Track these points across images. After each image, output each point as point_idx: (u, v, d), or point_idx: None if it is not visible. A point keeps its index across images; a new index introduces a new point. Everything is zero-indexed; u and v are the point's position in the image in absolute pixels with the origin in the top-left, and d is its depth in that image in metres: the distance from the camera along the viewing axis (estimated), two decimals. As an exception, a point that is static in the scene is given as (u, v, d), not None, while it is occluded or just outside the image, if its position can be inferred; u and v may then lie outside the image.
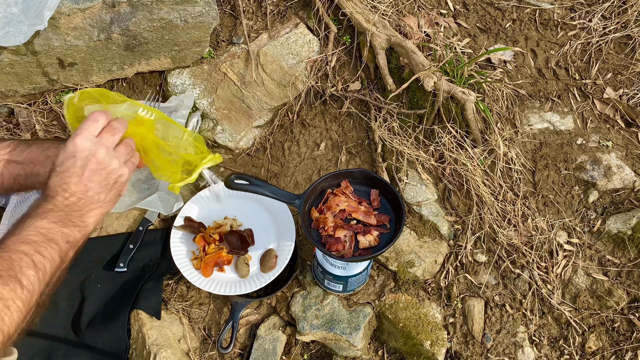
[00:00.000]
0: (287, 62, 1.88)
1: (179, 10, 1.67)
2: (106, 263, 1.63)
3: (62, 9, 1.56)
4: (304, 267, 1.66)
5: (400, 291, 1.59)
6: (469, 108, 1.66)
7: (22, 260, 0.88)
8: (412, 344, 1.52)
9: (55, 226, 0.95)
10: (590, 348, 1.50)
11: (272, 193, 1.34)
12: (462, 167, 1.68)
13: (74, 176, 0.98)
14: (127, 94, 1.89)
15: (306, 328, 1.55)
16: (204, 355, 1.59)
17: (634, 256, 1.56)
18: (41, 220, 0.94)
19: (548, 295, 1.55)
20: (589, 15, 1.90)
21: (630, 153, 1.70)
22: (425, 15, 1.91)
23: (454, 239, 1.66)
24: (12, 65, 1.66)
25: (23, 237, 0.91)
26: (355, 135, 1.86)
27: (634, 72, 1.80)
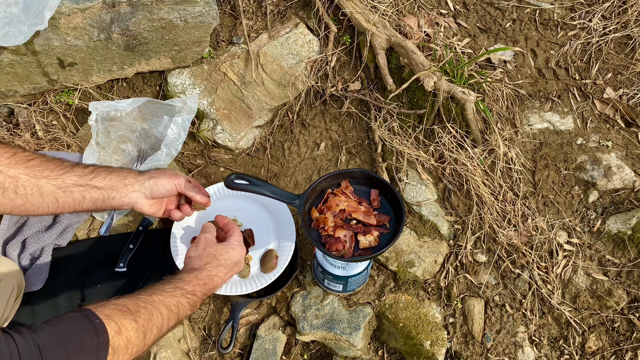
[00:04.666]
0: (287, 62, 1.88)
1: (179, 10, 1.67)
2: (106, 263, 1.63)
3: (62, 9, 1.56)
4: (304, 267, 1.66)
5: (400, 291, 1.59)
6: (469, 108, 1.66)
7: (157, 319, 1.03)
8: (412, 344, 1.52)
9: (187, 306, 1.13)
10: (590, 348, 1.50)
11: (272, 193, 1.34)
12: (462, 167, 1.68)
13: (225, 274, 1.27)
14: (127, 94, 1.89)
15: (306, 328, 1.55)
16: (204, 355, 1.59)
17: (634, 256, 1.56)
18: (184, 299, 1.13)
19: (548, 295, 1.55)
20: (589, 15, 1.90)
21: (630, 153, 1.70)
22: (425, 15, 1.91)
23: (454, 239, 1.66)
24: (12, 65, 1.66)
25: (167, 303, 1.08)
26: (355, 135, 1.86)
27: (634, 72, 1.80)
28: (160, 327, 1.03)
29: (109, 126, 1.76)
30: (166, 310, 1.06)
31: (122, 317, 0.95)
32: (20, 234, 1.62)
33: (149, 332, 0.99)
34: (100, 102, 1.74)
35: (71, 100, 1.83)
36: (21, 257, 1.60)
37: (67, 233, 1.66)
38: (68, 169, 1.21)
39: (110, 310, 0.95)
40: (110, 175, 1.25)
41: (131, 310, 0.98)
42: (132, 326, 0.95)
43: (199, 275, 1.20)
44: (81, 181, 1.21)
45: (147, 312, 1.00)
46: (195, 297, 1.15)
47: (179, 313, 1.10)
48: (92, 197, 1.22)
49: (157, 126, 1.81)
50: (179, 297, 1.11)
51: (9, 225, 1.64)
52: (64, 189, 1.18)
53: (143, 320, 0.98)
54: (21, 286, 1.50)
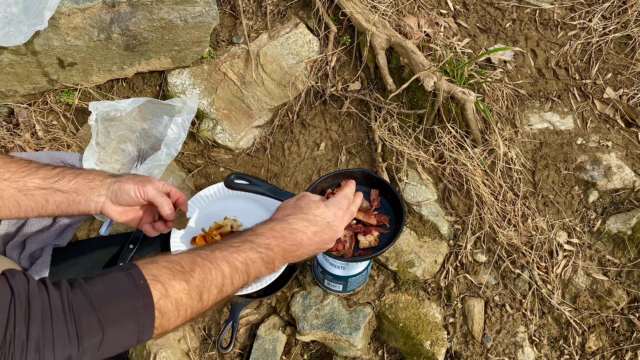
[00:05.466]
0: (287, 62, 1.88)
1: (179, 10, 1.67)
2: (106, 263, 1.63)
3: (62, 9, 1.56)
4: (304, 267, 1.66)
5: (400, 291, 1.59)
6: (469, 108, 1.66)
7: (216, 278, 0.92)
8: (412, 344, 1.52)
9: (260, 262, 0.99)
10: (590, 348, 1.50)
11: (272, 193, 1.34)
12: (462, 167, 1.68)
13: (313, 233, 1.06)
14: (127, 94, 1.89)
15: (306, 328, 1.55)
16: (204, 355, 1.59)
17: (634, 256, 1.56)
18: (256, 253, 0.98)
19: (548, 295, 1.55)
20: (589, 15, 1.90)
21: (630, 153, 1.70)
22: (425, 15, 1.91)
23: (454, 239, 1.66)
24: (12, 65, 1.66)
25: (232, 259, 0.95)
26: (355, 135, 1.86)
27: (634, 72, 1.80)
28: (222, 286, 0.92)
29: (109, 126, 1.76)
30: (228, 268, 0.93)
31: (172, 278, 0.86)
32: (20, 234, 1.62)
33: (206, 292, 0.89)
34: (100, 102, 1.74)
35: (71, 100, 1.83)
36: (21, 257, 1.60)
37: (67, 233, 1.66)
38: (32, 170, 1.14)
39: (160, 269, 0.86)
40: (76, 178, 1.17)
41: (184, 269, 0.88)
42: (183, 287, 0.86)
43: (275, 226, 1.04)
44: (44, 184, 1.14)
45: (203, 271, 0.90)
46: (270, 252, 1.00)
47: (247, 270, 0.97)
48: (55, 200, 1.14)
49: (157, 126, 1.81)
50: (247, 251, 0.97)
51: (9, 225, 1.64)
52: (25, 192, 1.11)
53: (197, 280, 0.88)
54: (21, 286, 1.50)
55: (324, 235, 1.08)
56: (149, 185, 1.20)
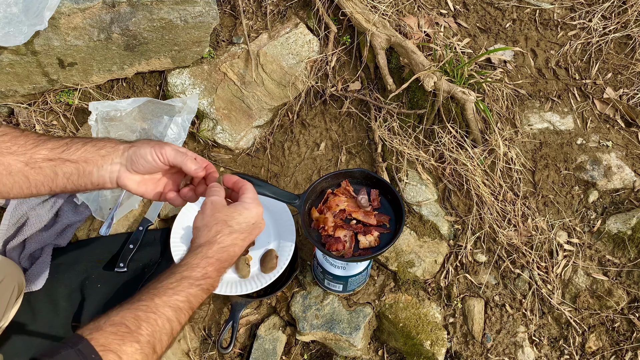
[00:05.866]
0: (287, 62, 1.88)
1: (179, 10, 1.67)
2: (106, 263, 1.63)
3: (62, 9, 1.56)
4: (304, 267, 1.66)
5: (400, 291, 1.59)
6: (469, 108, 1.66)
7: (164, 327, 0.90)
8: (412, 344, 1.52)
9: (201, 293, 0.97)
10: (590, 348, 1.50)
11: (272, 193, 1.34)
12: (462, 167, 1.68)
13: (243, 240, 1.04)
14: (127, 94, 1.89)
15: (306, 328, 1.55)
16: (204, 355, 1.59)
17: (634, 256, 1.56)
18: (195, 288, 0.96)
19: (548, 295, 1.55)
20: (589, 15, 1.90)
21: (630, 153, 1.70)
22: (425, 15, 1.91)
23: (454, 239, 1.66)
24: (12, 65, 1.66)
25: (172, 302, 0.93)
26: (355, 135, 1.86)
27: (634, 72, 1.80)
28: (170, 331, 0.91)
29: (109, 126, 1.76)
30: (172, 312, 0.92)
31: (122, 343, 0.84)
32: (20, 234, 1.62)
33: (158, 343, 0.89)
34: (100, 102, 1.74)
35: (71, 100, 1.83)
36: (21, 257, 1.60)
37: (67, 233, 1.66)
38: (40, 142, 1.06)
39: (107, 335, 0.83)
40: (85, 146, 1.07)
41: (131, 330, 0.86)
42: (135, 349, 0.84)
43: (207, 252, 1.00)
44: (52, 155, 1.05)
45: (149, 325, 0.88)
46: (209, 279, 0.98)
47: (191, 306, 0.95)
48: (65, 172, 1.06)
49: (157, 126, 1.81)
50: (186, 289, 0.95)
51: (9, 225, 1.64)
52: (32, 165, 1.04)
53: (146, 335, 0.87)
54: (22, 286, 1.50)
55: (252, 236, 1.07)
56: (167, 146, 1.09)
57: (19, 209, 1.65)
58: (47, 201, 1.67)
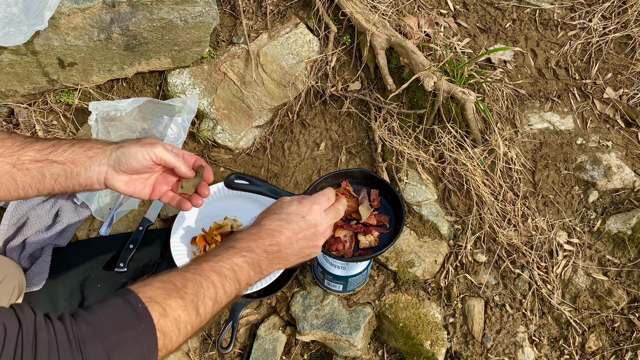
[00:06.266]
0: (287, 62, 1.88)
1: (179, 10, 1.67)
2: (106, 263, 1.63)
3: (62, 9, 1.56)
4: (304, 267, 1.66)
5: (400, 291, 1.59)
6: (469, 108, 1.66)
7: (208, 289, 0.92)
8: (412, 344, 1.52)
9: (246, 266, 0.99)
10: (590, 348, 1.50)
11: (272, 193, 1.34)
12: (462, 167, 1.68)
13: (290, 231, 1.04)
14: (127, 94, 1.89)
15: (306, 328, 1.55)
16: (204, 355, 1.59)
17: (634, 256, 1.56)
18: (239, 257, 0.98)
19: (548, 295, 1.55)
20: (589, 15, 1.90)
21: (630, 153, 1.70)
22: (425, 15, 1.91)
23: (454, 239, 1.66)
24: (12, 65, 1.66)
25: (218, 267, 0.95)
26: (355, 135, 1.86)
27: (634, 72, 1.80)
28: (215, 296, 0.92)
29: (109, 126, 1.76)
30: (218, 277, 0.94)
31: (167, 297, 0.86)
32: (20, 234, 1.62)
33: (202, 305, 0.90)
34: (100, 102, 1.74)
35: (71, 100, 1.83)
36: (21, 257, 1.60)
37: (67, 233, 1.66)
38: (27, 144, 1.07)
39: (154, 290, 0.86)
40: (72, 148, 1.08)
41: (177, 287, 0.88)
42: (179, 304, 0.86)
43: (251, 230, 1.04)
44: (39, 156, 1.06)
45: (195, 285, 0.90)
46: (253, 255, 1.00)
47: (236, 277, 0.96)
48: (52, 173, 1.06)
49: (157, 126, 1.81)
50: (231, 257, 0.97)
51: (9, 226, 1.64)
52: (19, 167, 1.05)
53: (191, 294, 0.89)
54: (22, 286, 1.50)
55: (303, 231, 1.05)
56: (157, 145, 1.10)
57: (19, 209, 1.65)
58: (47, 201, 1.67)
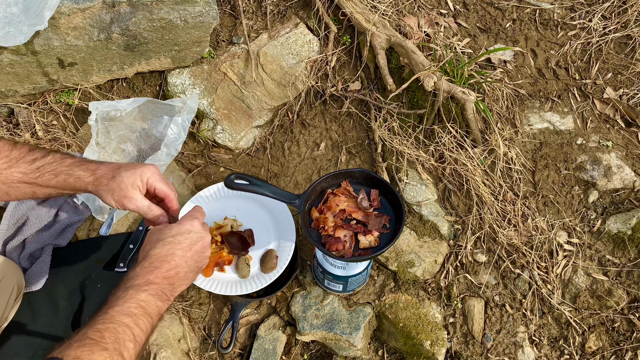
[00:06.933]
0: (287, 62, 1.88)
1: (179, 10, 1.67)
2: (106, 263, 1.63)
3: (62, 9, 1.56)
4: (304, 267, 1.66)
5: (400, 291, 1.59)
6: (469, 108, 1.66)
7: (125, 333, 0.93)
8: (412, 344, 1.52)
9: (152, 299, 1.00)
10: (590, 348, 1.50)
11: (272, 193, 1.34)
12: (462, 167, 1.68)
13: (181, 251, 1.07)
14: (127, 94, 1.89)
15: (306, 328, 1.55)
16: (204, 355, 1.59)
17: (634, 256, 1.56)
18: (142, 293, 1.00)
19: (548, 295, 1.55)
20: (589, 15, 1.90)
21: (630, 153, 1.70)
22: (425, 15, 1.91)
23: (454, 239, 1.66)
24: (12, 65, 1.66)
25: (126, 310, 0.96)
26: (355, 135, 1.86)
27: (634, 72, 1.80)
28: (133, 337, 0.94)
29: (109, 126, 1.76)
30: (129, 318, 0.96)
31: (91, 353, 0.87)
32: (20, 234, 1.62)
33: (125, 350, 0.92)
34: (100, 102, 1.74)
35: (71, 100, 1.83)
36: (21, 257, 1.60)
37: (67, 233, 1.66)
38: (12, 163, 1.13)
39: (76, 350, 0.87)
40: (56, 179, 1.15)
41: (95, 340, 0.90)
42: (104, 356, 0.88)
43: (144, 264, 1.04)
44: (27, 179, 1.13)
45: (111, 333, 0.92)
46: (154, 285, 1.01)
47: (146, 312, 0.98)
48: (44, 192, 1.15)
49: (157, 126, 1.81)
50: (134, 296, 0.99)
51: (9, 225, 1.64)
52: (9, 185, 1.12)
53: (111, 343, 0.90)
54: (21, 286, 1.50)
55: (193, 247, 1.09)
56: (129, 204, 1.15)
57: (18, 209, 1.65)
58: (47, 201, 1.67)
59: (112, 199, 1.15)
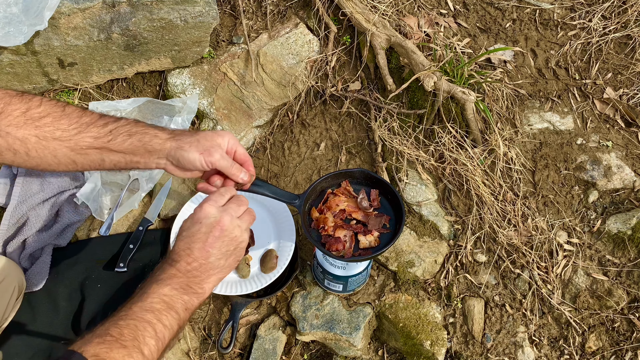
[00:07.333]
0: (287, 62, 1.88)
1: (179, 10, 1.67)
2: (106, 263, 1.63)
3: (62, 9, 1.56)
4: (304, 267, 1.66)
5: (400, 291, 1.59)
6: (469, 108, 1.66)
7: (145, 329, 0.91)
8: (412, 344, 1.52)
9: (176, 293, 0.97)
10: (590, 348, 1.50)
11: (272, 193, 1.34)
12: (462, 167, 1.68)
13: (199, 242, 1.02)
14: (127, 94, 1.89)
15: (306, 328, 1.55)
16: (204, 355, 1.59)
17: (634, 256, 1.56)
18: (164, 287, 0.97)
19: (548, 295, 1.55)
20: (589, 15, 1.90)
21: (630, 153, 1.70)
22: (425, 15, 1.91)
23: (454, 239, 1.66)
24: (12, 65, 1.66)
25: (148, 305, 0.94)
26: (355, 135, 1.86)
27: (634, 72, 1.80)
28: (155, 334, 0.92)
29: (109, 126, 1.76)
30: (151, 314, 0.93)
31: (109, 350, 0.86)
32: (20, 234, 1.62)
33: (145, 347, 0.89)
34: (100, 102, 1.74)
35: (71, 100, 1.83)
36: (21, 257, 1.60)
37: (67, 233, 1.66)
38: (83, 128, 1.08)
39: (95, 347, 0.86)
40: (131, 139, 1.09)
41: (115, 337, 0.88)
42: (123, 354, 0.86)
43: (166, 260, 1.03)
44: (97, 143, 1.08)
45: (130, 330, 0.90)
46: (177, 279, 0.99)
47: (170, 307, 0.95)
48: (111, 159, 1.10)
49: (157, 126, 1.81)
50: (156, 290, 0.96)
51: (9, 226, 1.64)
52: (78, 152, 1.08)
53: (130, 340, 0.88)
54: (22, 286, 1.50)
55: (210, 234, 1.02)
56: (216, 154, 1.10)
57: (18, 209, 1.65)
58: (47, 201, 1.67)
59: (196, 151, 1.09)
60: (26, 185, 1.67)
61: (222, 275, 1.06)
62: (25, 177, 1.68)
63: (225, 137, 1.14)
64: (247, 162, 1.19)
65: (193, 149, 1.10)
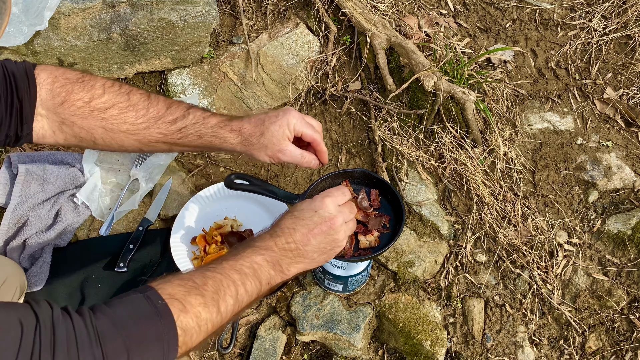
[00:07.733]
0: (287, 62, 1.88)
1: (179, 10, 1.67)
2: (106, 263, 1.63)
3: (62, 9, 1.56)
4: (304, 267, 1.66)
5: (400, 291, 1.60)
6: (469, 108, 1.66)
7: (229, 287, 0.92)
8: (412, 344, 1.52)
9: (266, 265, 0.99)
10: (590, 348, 1.50)
11: (272, 193, 1.34)
12: (462, 167, 1.68)
13: (305, 227, 1.04)
14: (127, 94, 1.89)
15: (306, 328, 1.55)
16: (204, 355, 1.59)
17: (634, 256, 1.56)
18: (258, 256, 0.99)
19: (548, 295, 1.55)
20: (589, 15, 1.90)
21: (630, 153, 1.70)
22: (425, 15, 1.91)
23: (454, 239, 1.66)
24: (12, 65, 1.66)
25: (238, 266, 0.96)
26: (355, 135, 1.86)
27: (634, 72, 1.80)
28: (236, 295, 0.92)
29: (109, 126, 1.76)
30: (238, 275, 0.94)
31: (187, 294, 0.86)
32: (20, 234, 1.62)
33: (222, 303, 0.90)
34: (100, 102, 1.73)
35: (71, 100, 1.83)
36: (21, 258, 1.60)
37: (67, 233, 1.66)
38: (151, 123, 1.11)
39: (174, 287, 0.86)
40: (199, 141, 1.14)
41: (197, 284, 0.88)
42: (199, 301, 0.86)
43: (269, 230, 1.05)
44: (167, 139, 1.12)
45: (215, 282, 0.90)
46: (271, 253, 1.00)
47: (257, 275, 0.96)
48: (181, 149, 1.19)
49: (157, 126, 1.81)
50: (251, 255, 0.98)
51: (9, 226, 1.64)
52: (146, 144, 1.12)
53: (211, 292, 0.89)
54: (24, 287, 1.50)
55: (318, 226, 1.05)
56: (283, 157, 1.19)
57: (19, 209, 1.65)
58: (47, 201, 1.67)
59: (265, 156, 1.18)
60: (26, 185, 1.67)
61: (308, 266, 1.07)
62: (25, 177, 1.68)
63: (291, 122, 1.18)
64: (314, 141, 1.23)
65: (262, 154, 1.18)
